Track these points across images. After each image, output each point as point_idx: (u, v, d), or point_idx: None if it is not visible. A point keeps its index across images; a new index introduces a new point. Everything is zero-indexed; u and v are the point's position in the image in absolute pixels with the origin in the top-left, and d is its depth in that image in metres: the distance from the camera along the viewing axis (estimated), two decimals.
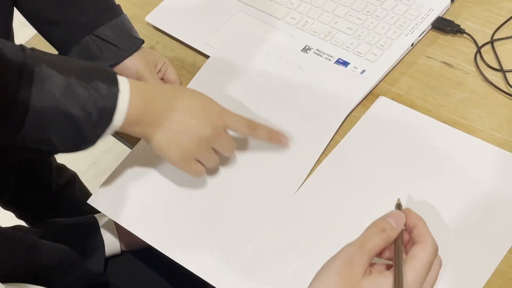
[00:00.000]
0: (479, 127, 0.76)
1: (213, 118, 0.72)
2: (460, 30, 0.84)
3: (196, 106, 0.72)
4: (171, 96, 0.72)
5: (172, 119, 0.70)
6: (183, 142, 0.71)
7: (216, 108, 0.73)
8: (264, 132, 0.75)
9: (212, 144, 0.73)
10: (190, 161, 0.72)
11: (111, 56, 0.83)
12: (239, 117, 0.74)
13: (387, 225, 0.55)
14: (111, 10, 0.85)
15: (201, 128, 0.71)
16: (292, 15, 0.91)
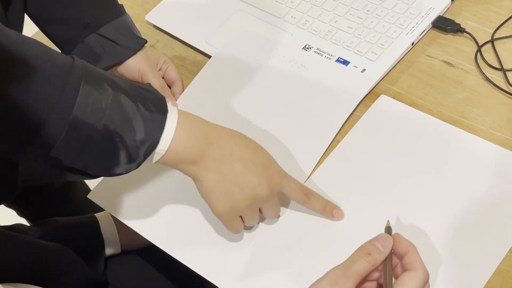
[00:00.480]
0: (479, 126, 0.76)
1: (272, 179, 0.67)
2: (460, 29, 0.84)
3: (259, 162, 0.67)
4: (234, 143, 0.67)
5: (231, 169, 0.65)
6: (235, 195, 0.66)
7: (277, 169, 0.69)
8: (318, 204, 0.71)
9: (261, 205, 0.69)
10: (235, 217, 0.68)
11: (114, 55, 0.84)
12: (296, 184, 0.70)
13: (373, 248, 0.56)
14: (114, 9, 0.85)
15: (259, 187, 0.66)
16: (292, 14, 0.91)
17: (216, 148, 0.65)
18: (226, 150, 0.66)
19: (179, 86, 0.88)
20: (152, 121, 0.62)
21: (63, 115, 0.58)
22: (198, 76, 0.88)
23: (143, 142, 0.61)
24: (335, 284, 0.54)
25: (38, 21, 0.87)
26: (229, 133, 0.68)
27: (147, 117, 0.61)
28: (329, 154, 0.77)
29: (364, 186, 0.73)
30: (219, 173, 0.65)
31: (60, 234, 0.83)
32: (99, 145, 0.60)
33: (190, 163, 0.65)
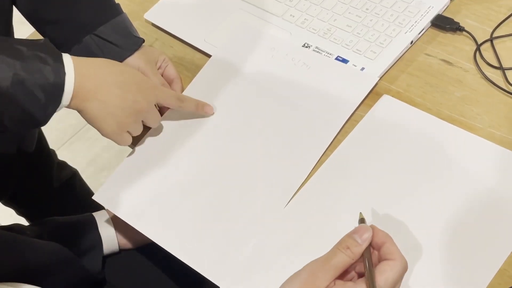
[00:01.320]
0: (478, 125, 0.76)
1: (147, 93, 0.77)
2: (459, 28, 0.84)
3: (131, 81, 0.76)
4: (105, 71, 0.75)
5: (108, 94, 0.73)
6: (119, 116, 0.74)
7: (149, 83, 0.78)
8: (191, 105, 0.82)
9: (143, 117, 0.77)
10: (123, 133, 0.77)
11: (112, 55, 0.83)
12: (168, 92, 0.81)
13: (352, 241, 0.57)
14: (111, 9, 0.85)
15: (137, 103, 0.75)
16: (291, 13, 0.91)
17: (91, 79, 0.72)
18: (100, 79, 0.73)
19: (178, 84, 0.88)
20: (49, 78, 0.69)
21: None
22: (199, 75, 0.88)
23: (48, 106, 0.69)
24: (313, 276, 0.55)
25: (35, 22, 0.87)
26: (99, 63, 0.75)
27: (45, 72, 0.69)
28: (331, 155, 0.77)
29: (365, 186, 0.73)
30: (98, 100, 0.73)
31: (58, 233, 0.83)
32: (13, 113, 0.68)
33: (73, 99, 0.72)
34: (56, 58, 0.70)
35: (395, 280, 0.55)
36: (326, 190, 0.74)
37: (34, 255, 0.74)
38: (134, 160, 0.82)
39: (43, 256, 0.75)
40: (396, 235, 0.68)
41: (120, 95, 0.74)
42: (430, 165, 0.73)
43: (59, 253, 0.76)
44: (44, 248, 0.75)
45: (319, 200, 0.74)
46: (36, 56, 0.69)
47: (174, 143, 0.82)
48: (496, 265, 0.64)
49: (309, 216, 0.72)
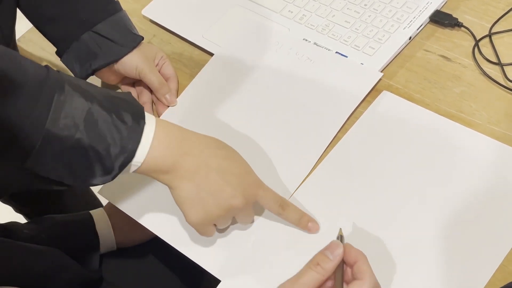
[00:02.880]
0: (477, 120, 0.76)
1: (247, 190, 0.67)
2: (458, 24, 0.84)
3: (235, 172, 0.67)
4: (209, 153, 0.66)
5: (205, 178, 0.65)
6: (209, 205, 0.65)
7: (253, 179, 0.68)
8: (294, 216, 0.70)
9: (235, 214, 0.69)
10: (208, 225, 0.68)
11: (110, 52, 0.83)
12: (272, 194, 0.70)
13: (323, 258, 0.57)
14: (110, 6, 0.84)
15: (234, 198, 0.66)
16: (289, 9, 0.91)
17: (191, 157, 0.65)
18: (201, 160, 0.65)
19: (174, 83, 0.88)
20: (128, 134, 0.61)
21: (36, 128, 0.58)
22: (201, 73, 0.88)
23: (118, 155, 0.61)
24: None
25: (33, 19, 0.86)
26: (206, 142, 0.67)
27: (122, 130, 0.61)
28: (331, 151, 0.77)
29: (366, 182, 0.73)
30: (193, 182, 0.65)
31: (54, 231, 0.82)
32: (72, 158, 0.60)
33: (165, 172, 0.65)
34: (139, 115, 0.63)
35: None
36: (327, 186, 0.74)
37: (33, 261, 0.74)
38: None
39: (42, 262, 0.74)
40: (395, 231, 0.69)
41: (218, 183, 0.65)
42: (429, 161, 0.73)
43: (57, 259, 0.75)
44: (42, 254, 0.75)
45: (319, 196, 0.73)
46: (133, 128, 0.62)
47: None
48: (496, 261, 0.64)
49: (310, 212, 0.72)
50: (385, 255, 0.67)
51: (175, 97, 0.86)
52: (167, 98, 0.85)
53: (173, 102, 0.86)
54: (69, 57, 0.84)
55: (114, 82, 0.89)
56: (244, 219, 0.70)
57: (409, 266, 0.66)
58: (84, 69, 0.84)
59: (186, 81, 0.88)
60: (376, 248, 0.68)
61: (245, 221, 0.71)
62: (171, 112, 0.85)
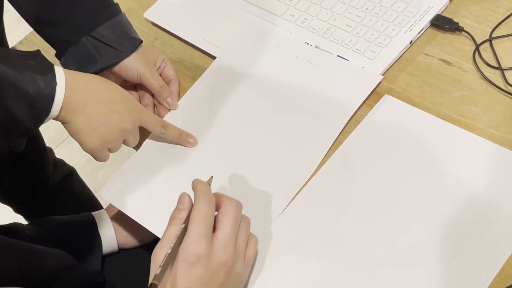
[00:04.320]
0: (477, 124, 0.76)
1: (133, 114, 0.77)
2: (458, 28, 0.84)
3: (119, 100, 0.76)
4: (95, 87, 0.75)
5: (95, 109, 0.74)
6: (102, 132, 0.75)
7: (136, 105, 0.78)
8: (174, 134, 0.81)
9: (125, 137, 0.78)
10: (104, 150, 0.77)
11: (108, 57, 0.83)
12: (153, 117, 0.81)
13: (175, 211, 0.64)
14: (109, 10, 0.84)
15: (123, 122, 0.76)
16: (291, 12, 0.91)
17: (79, 93, 0.73)
18: (88, 94, 0.74)
19: (175, 86, 0.88)
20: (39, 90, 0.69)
21: None
22: (202, 77, 0.88)
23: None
24: (154, 259, 0.61)
25: (31, 22, 0.86)
26: (90, 78, 0.76)
27: None
28: (332, 154, 0.77)
29: (367, 186, 0.73)
30: (84, 114, 0.73)
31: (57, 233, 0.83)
32: None
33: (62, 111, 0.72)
34: (48, 69, 0.71)
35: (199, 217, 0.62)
36: (328, 190, 0.74)
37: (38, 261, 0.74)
38: (140, 156, 0.83)
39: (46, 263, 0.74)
40: (396, 235, 0.69)
41: (107, 112, 0.75)
42: (430, 165, 0.73)
43: (62, 259, 0.76)
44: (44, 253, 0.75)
45: (321, 200, 0.74)
46: (28, 64, 0.70)
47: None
48: (497, 265, 0.65)
49: (311, 216, 0.72)
50: (385, 259, 0.68)
51: (176, 100, 0.86)
52: (168, 101, 0.86)
53: (174, 106, 0.86)
54: (67, 60, 0.84)
55: None
56: (132, 140, 0.80)
57: (409, 269, 0.67)
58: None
59: (188, 84, 0.89)
60: (377, 251, 0.69)
61: (134, 142, 0.80)
62: (172, 115, 0.86)
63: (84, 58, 0.83)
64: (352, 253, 0.69)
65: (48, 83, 0.70)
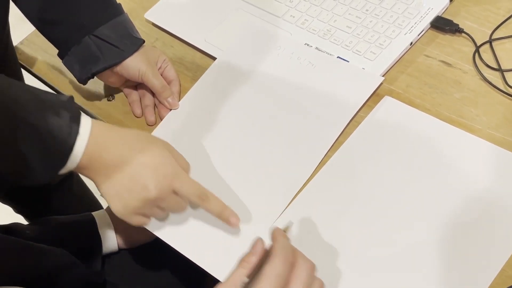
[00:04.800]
0: (477, 126, 0.76)
1: (162, 182, 0.68)
2: (458, 29, 0.84)
3: (149, 165, 0.68)
4: (124, 146, 0.68)
5: (119, 172, 0.67)
6: (125, 198, 0.68)
7: (169, 170, 0.68)
8: (215, 209, 0.71)
9: (156, 205, 0.70)
10: (132, 216, 0.70)
11: (111, 56, 0.83)
12: (189, 186, 0.70)
13: (246, 256, 0.61)
14: (112, 10, 0.85)
15: (146, 190, 0.67)
16: (291, 13, 0.92)
17: (106, 154, 0.66)
18: (116, 155, 0.67)
19: (176, 86, 0.89)
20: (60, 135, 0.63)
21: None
22: (203, 77, 0.88)
23: None
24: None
25: (34, 22, 0.87)
26: (123, 137, 0.68)
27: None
28: (332, 155, 0.77)
29: (367, 187, 0.73)
30: (109, 177, 0.67)
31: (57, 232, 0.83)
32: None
33: (82, 168, 0.66)
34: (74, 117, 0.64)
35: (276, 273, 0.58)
36: (328, 191, 0.74)
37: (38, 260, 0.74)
38: None
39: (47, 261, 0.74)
40: (396, 236, 0.69)
41: (130, 177, 0.67)
42: (430, 167, 0.73)
43: (63, 258, 0.76)
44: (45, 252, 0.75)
45: (320, 200, 0.74)
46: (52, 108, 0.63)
47: (179, 141, 0.83)
48: (497, 266, 0.65)
49: (311, 216, 0.73)
50: (385, 259, 0.68)
51: (177, 100, 0.87)
52: (169, 101, 0.86)
53: (175, 105, 0.86)
54: (70, 59, 0.84)
55: (117, 85, 0.90)
56: (169, 208, 0.71)
57: (409, 270, 0.67)
58: (84, 72, 0.85)
59: (188, 84, 0.89)
60: (377, 252, 0.69)
61: (173, 210, 0.72)
62: (173, 115, 0.86)
63: (86, 57, 0.83)
64: (352, 254, 0.69)
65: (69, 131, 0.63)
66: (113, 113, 0.90)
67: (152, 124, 0.87)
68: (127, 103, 0.90)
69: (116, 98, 0.92)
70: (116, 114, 0.90)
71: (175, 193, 0.69)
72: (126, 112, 0.90)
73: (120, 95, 0.92)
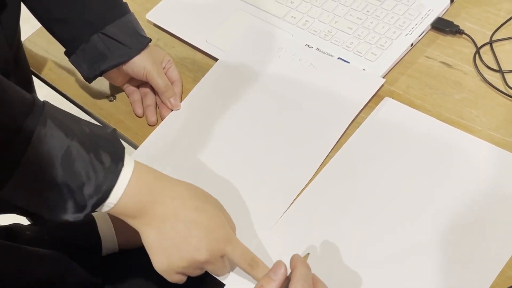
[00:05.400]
0: (477, 127, 0.76)
1: (214, 245, 0.65)
2: (459, 31, 0.85)
3: (202, 224, 0.65)
4: (180, 202, 0.65)
5: (171, 228, 0.64)
6: (172, 255, 0.65)
7: (222, 233, 0.66)
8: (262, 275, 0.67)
9: (202, 267, 0.67)
10: (172, 274, 0.67)
11: (119, 54, 0.84)
12: (241, 251, 0.67)
13: (266, 279, 0.59)
14: (119, 8, 0.86)
15: (197, 252, 0.64)
16: (292, 14, 0.92)
17: (160, 206, 0.64)
18: (170, 210, 0.65)
19: (179, 87, 0.89)
20: (104, 175, 0.61)
21: (14, 157, 0.57)
22: (205, 78, 0.89)
23: (91, 195, 0.60)
24: None
25: (43, 20, 0.88)
26: (179, 191, 0.66)
27: (99, 170, 0.60)
28: (333, 156, 0.77)
29: (368, 188, 0.73)
30: (158, 230, 0.64)
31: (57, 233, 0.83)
32: (46, 193, 0.60)
33: (132, 217, 0.65)
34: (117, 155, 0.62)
35: None
36: (329, 192, 0.74)
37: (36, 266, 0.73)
38: (143, 155, 0.83)
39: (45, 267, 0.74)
40: (396, 237, 0.69)
41: (182, 235, 0.64)
42: (430, 167, 0.73)
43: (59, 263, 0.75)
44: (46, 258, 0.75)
45: (322, 201, 0.74)
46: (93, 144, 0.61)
47: (180, 142, 0.83)
48: (497, 267, 0.65)
49: (312, 217, 0.73)
50: (386, 260, 0.68)
51: (179, 101, 0.87)
52: (171, 101, 0.86)
53: (177, 106, 0.87)
54: (77, 58, 0.85)
55: (121, 84, 0.90)
56: (215, 271, 0.68)
57: (410, 271, 0.67)
58: (92, 70, 0.85)
59: (189, 85, 0.89)
60: (377, 252, 0.69)
61: (217, 273, 0.69)
62: (174, 115, 0.86)
63: (94, 55, 0.84)
64: (354, 253, 0.69)
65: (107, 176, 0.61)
66: (114, 113, 0.91)
67: (153, 124, 0.87)
68: (128, 103, 0.91)
69: (117, 98, 0.92)
70: (117, 114, 0.91)
71: (223, 256, 0.67)
72: (127, 112, 0.90)
73: (121, 95, 0.92)
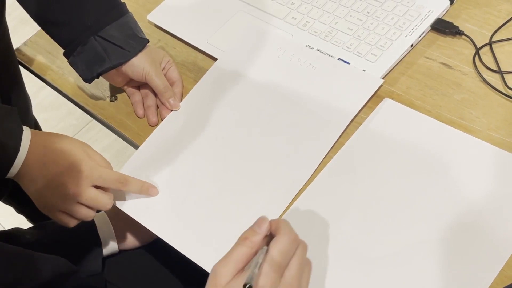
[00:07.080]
0: (477, 127, 0.77)
1: (78, 177, 0.74)
2: (459, 32, 0.85)
3: (65, 162, 0.75)
4: (44, 148, 0.75)
5: (40, 174, 0.74)
6: (46, 196, 0.75)
7: (83, 166, 0.75)
8: (135, 186, 0.78)
9: (78, 200, 0.75)
10: (54, 213, 0.76)
11: (116, 56, 0.84)
12: (107, 173, 0.76)
13: (250, 232, 0.58)
14: (117, 10, 0.85)
15: (62, 187, 0.74)
16: (293, 15, 0.92)
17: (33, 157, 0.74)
18: (35, 158, 0.74)
19: (179, 87, 0.89)
20: None
21: None
22: (204, 78, 0.89)
23: None
24: (214, 273, 0.55)
25: (40, 22, 0.88)
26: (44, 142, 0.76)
27: None
28: (334, 156, 0.77)
29: (367, 188, 0.74)
30: (28, 179, 0.75)
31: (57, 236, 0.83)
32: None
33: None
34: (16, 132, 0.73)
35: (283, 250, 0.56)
36: (328, 192, 0.75)
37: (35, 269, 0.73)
38: (140, 156, 0.83)
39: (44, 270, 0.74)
40: (396, 237, 0.70)
41: (48, 177, 0.74)
42: (430, 167, 0.74)
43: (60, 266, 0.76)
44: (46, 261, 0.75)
45: (321, 201, 0.74)
46: None
47: (179, 142, 0.83)
48: (497, 267, 0.65)
49: (311, 217, 0.73)
50: (385, 260, 0.68)
51: (178, 101, 0.87)
52: (170, 102, 0.87)
53: (176, 107, 0.87)
54: (75, 60, 0.85)
55: (121, 84, 0.90)
56: (91, 203, 0.75)
57: (409, 271, 0.67)
58: (90, 72, 0.86)
59: (190, 86, 0.90)
60: (377, 253, 0.69)
61: (96, 205, 0.76)
62: (173, 116, 0.87)
63: (92, 57, 0.84)
64: (353, 255, 0.69)
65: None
66: (116, 113, 0.91)
67: (154, 125, 0.88)
68: (129, 103, 0.91)
69: (118, 99, 0.93)
70: (118, 114, 0.91)
71: (95, 187, 0.75)
72: (128, 112, 0.90)
73: (122, 96, 0.93)
